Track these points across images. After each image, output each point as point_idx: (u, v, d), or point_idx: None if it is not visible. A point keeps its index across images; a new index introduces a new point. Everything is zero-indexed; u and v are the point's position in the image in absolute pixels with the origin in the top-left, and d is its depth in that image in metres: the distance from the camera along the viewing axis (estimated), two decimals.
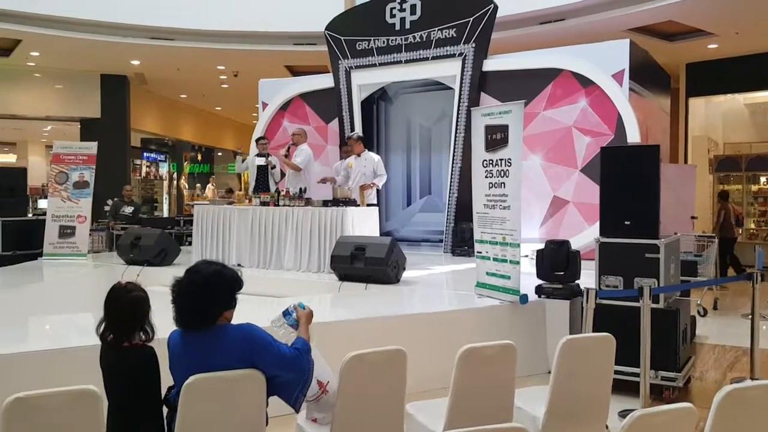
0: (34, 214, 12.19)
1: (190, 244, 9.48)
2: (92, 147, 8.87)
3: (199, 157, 21.76)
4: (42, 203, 16.09)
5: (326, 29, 9.98)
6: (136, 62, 13.17)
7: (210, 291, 2.50)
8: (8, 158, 26.27)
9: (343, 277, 6.52)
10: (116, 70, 13.80)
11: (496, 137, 5.11)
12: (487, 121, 5.24)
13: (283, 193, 7.69)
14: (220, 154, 22.76)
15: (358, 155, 8.33)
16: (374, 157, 8.36)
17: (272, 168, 8.81)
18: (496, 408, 2.99)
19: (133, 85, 14.56)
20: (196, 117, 19.07)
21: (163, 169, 19.26)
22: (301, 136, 8.75)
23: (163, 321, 2.65)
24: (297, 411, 2.68)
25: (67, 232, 8.55)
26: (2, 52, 12.38)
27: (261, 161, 8.83)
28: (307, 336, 2.73)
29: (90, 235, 9.09)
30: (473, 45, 8.83)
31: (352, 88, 9.82)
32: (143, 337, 2.59)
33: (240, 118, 20.53)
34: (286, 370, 2.55)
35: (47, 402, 2.17)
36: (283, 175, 8.96)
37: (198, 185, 20.43)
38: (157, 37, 11.70)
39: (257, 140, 9.22)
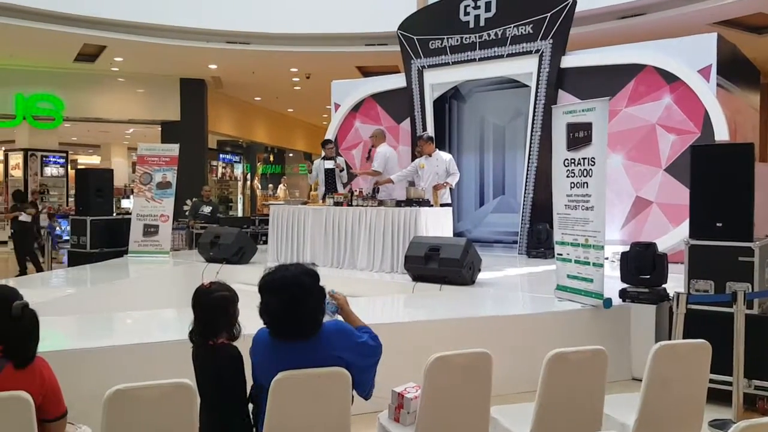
0: (117, 214, 12.74)
1: (264, 242, 9.66)
2: (174, 149, 9.17)
3: (272, 158, 22.22)
4: (125, 203, 16.81)
5: (399, 29, 9.98)
6: (213, 66, 13.57)
7: (317, 301, 2.48)
8: (93, 160, 27.59)
9: (417, 277, 6.47)
10: (195, 74, 14.27)
11: (579, 135, 4.96)
12: (570, 119, 5.09)
13: (356, 193, 7.73)
14: (291, 155, 23.17)
15: (429, 155, 8.27)
16: (445, 156, 8.28)
17: (340, 171, 8.87)
18: (585, 415, 2.88)
19: (210, 89, 15.02)
20: (268, 119, 19.49)
21: (238, 170, 19.78)
22: (378, 138, 8.72)
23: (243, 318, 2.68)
24: (368, 399, 2.65)
25: (150, 230, 8.87)
26: (88, 58, 13.02)
27: (329, 164, 8.90)
28: (358, 320, 2.72)
29: (171, 233, 9.39)
30: (551, 41, 8.63)
31: (425, 88, 9.77)
32: (228, 336, 2.60)
33: (311, 119, 20.85)
34: (368, 358, 2.55)
35: (145, 394, 2.24)
36: (351, 177, 8.99)
37: (270, 185, 20.86)
38: (233, 41, 12.03)
39: (324, 144, 9.29)
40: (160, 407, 2.26)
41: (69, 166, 18.03)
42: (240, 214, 18.47)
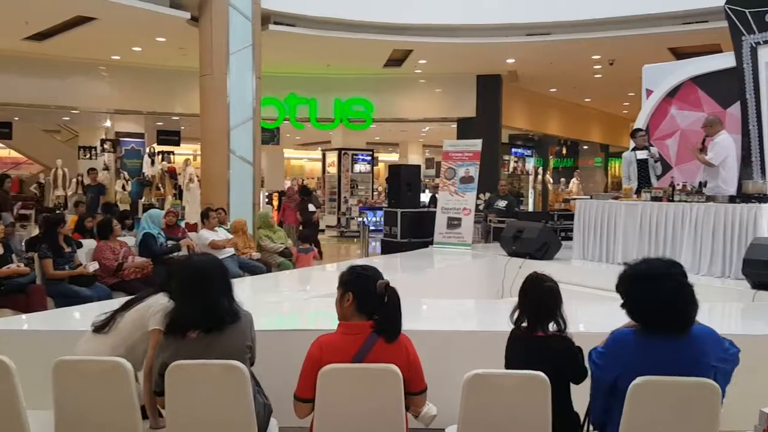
0: None
1: (564, 239, 9.31)
2: (477, 144, 9.34)
3: (564, 151, 21.59)
4: (422, 197, 17.79)
5: (726, 2, 8.75)
6: (510, 60, 13.57)
7: (693, 294, 2.33)
8: (392, 157, 29.89)
9: (758, 285, 5.59)
10: (491, 70, 14.44)
11: None
12: None
13: (678, 187, 6.96)
14: (585, 147, 22.26)
15: None
16: None
17: (655, 161, 8.07)
18: None
19: (505, 83, 15.07)
20: (563, 110, 18.95)
21: (529, 164, 19.59)
22: (713, 126, 7.60)
23: None
24: None
25: (454, 223, 9.17)
26: (395, 62, 13.98)
27: (642, 155, 8.16)
28: None
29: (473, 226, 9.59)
30: None
31: (759, 67, 8.42)
32: (556, 327, 2.60)
33: (610, 108, 19.74)
34: (731, 365, 2.39)
35: (501, 381, 2.35)
36: (666, 168, 8.12)
37: (562, 179, 20.31)
38: (533, 33, 11.85)
39: (634, 133, 8.53)
40: (516, 395, 2.34)
41: (374, 163, 19.76)
42: (530, 208, 18.28)
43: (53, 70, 13.52)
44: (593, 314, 4.83)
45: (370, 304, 2.53)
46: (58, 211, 9.40)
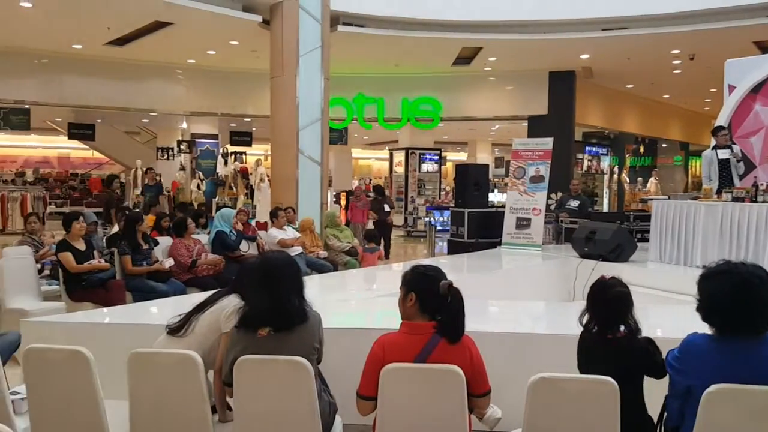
0: None
1: (640, 240, 8.98)
2: (548, 143, 9.13)
3: (642, 150, 20.87)
4: (491, 196, 17.58)
5: None
6: (585, 56, 13.22)
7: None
8: (460, 156, 29.69)
9: None
10: (564, 66, 14.10)
11: None
12: None
13: (762, 187, 6.59)
14: (664, 145, 21.46)
15: None
16: None
17: (738, 161, 7.67)
18: None
19: (578, 80, 14.69)
20: (640, 107, 18.32)
21: (604, 163, 19.02)
22: None
23: None
24: None
25: (523, 223, 9.00)
26: (464, 60, 13.85)
27: (723, 154, 7.77)
28: None
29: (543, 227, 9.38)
30: None
31: None
32: (626, 329, 2.56)
33: (690, 105, 18.95)
34: None
35: (568, 385, 2.31)
36: (749, 167, 7.71)
37: (639, 179, 19.62)
38: (609, 28, 11.49)
39: (716, 131, 8.14)
40: (584, 400, 2.29)
41: (441, 163, 19.66)
42: (606, 209, 17.75)
43: (133, 74, 14.13)
44: (669, 318, 4.65)
45: (433, 304, 2.51)
46: (136, 210, 9.77)
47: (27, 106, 14.46)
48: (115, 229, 7.78)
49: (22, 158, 27.43)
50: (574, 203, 10.73)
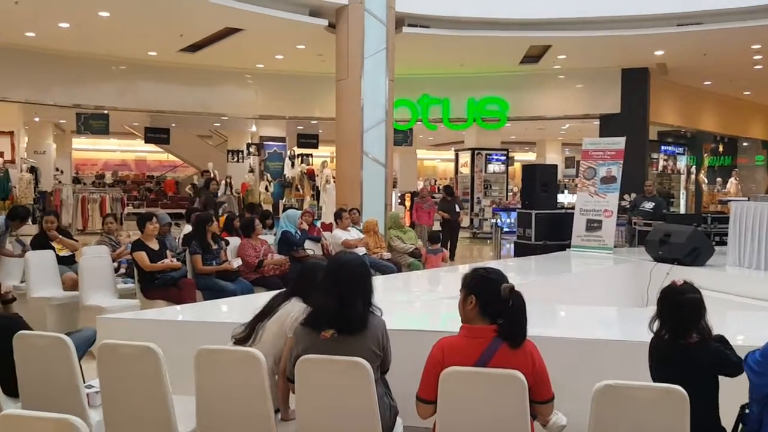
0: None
1: (718, 243, 8.58)
2: (620, 142, 8.84)
3: (721, 149, 19.96)
4: (559, 197, 17.20)
5: None
6: (659, 52, 12.77)
7: None
8: (528, 156, 29.19)
9: None
10: (637, 63, 13.68)
11: None
12: None
13: None
14: (745, 144, 20.46)
15: None
16: None
17: None
18: None
19: (653, 77, 14.20)
20: (719, 104, 17.55)
21: (681, 163, 18.26)
22: None
23: None
24: None
25: (593, 225, 8.74)
26: (532, 59, 13.61)
27: None
28: None
29: (614, 229, 9.09)
30: None
31: None
32: (698, 335, 2.50)
33: None
34: None
35: (635, 393, 2.23)
36: None
37: (719, 179, 18.76)
38: (684, 23, 11.06)
39: None
40: (652, 409, 2.22)
41: (508, 163, 19.37)
42: (682, 210, 17.05)
43: (205, 79, 14.59)
44: (749, 326, 4.41)
45: (493, 307, 2.47)
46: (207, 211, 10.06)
47: (106, 112, 15.16)
48: (187, 229, 8.03)
49: (102, 161, 28.76)
50: (648, 205, 10.41)
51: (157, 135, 18.14)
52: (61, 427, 1.82)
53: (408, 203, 16.88)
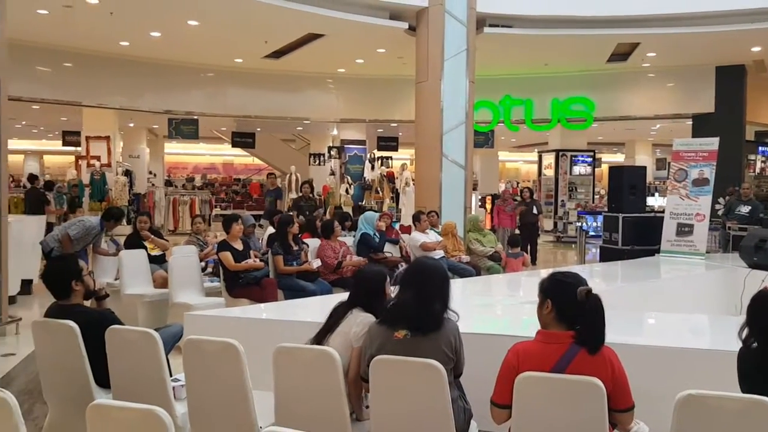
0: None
1: None
2: (713, 143, 8.39)
3: None
4: (649, 200, 16.52)
5: None
6: (756, 49, 12.07)
7: None
8: (617, 158, 28.22)
9: None
10: (733, 61, 13.01)
11: None
12: None
13: None
14: None
15: None
16: None
17: None
18: None
19: (749, 74, 13.43)
20: None
21: None
22: None
23: None
24: None
25: (684, 230, 8.33)
26: (620, 57, 13.16)
27: None
28: None
29: (707, 234, 8.65)
30: None
31: None
32: None
33: None
34: None
35: (720, 404, 2.13)
36: None
37: None
38: None
39: None
40: (739, 421, 2.11)
41: (595, 165, 18.77)
42: None
43: (288, 85, 14.98)
44: None
45: (570, 312, 2.41)
46: (289, 213, 10.31)
47: (195, 117, 15.82)
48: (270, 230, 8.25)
49: (192, 165, 30.06)
50: (744, 209, 9.93)
51: (243, 139, 18.73)
52: (147, 417, 1.91)
53: (489, 206, 16.66)
